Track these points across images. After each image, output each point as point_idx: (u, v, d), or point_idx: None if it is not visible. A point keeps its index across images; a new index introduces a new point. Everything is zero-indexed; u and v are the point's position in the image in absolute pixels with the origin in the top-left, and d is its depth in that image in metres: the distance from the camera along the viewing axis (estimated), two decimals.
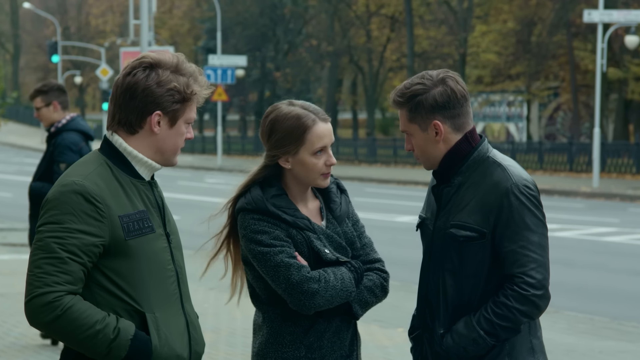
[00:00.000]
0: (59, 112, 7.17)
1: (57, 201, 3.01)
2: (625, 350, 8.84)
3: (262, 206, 3.52)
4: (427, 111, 3.54)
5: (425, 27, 51.19)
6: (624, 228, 18.87)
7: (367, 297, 3.59)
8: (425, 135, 3.57)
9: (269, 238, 3.48)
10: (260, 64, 54.86)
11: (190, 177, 33.89)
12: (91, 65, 67.03)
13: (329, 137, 3.58)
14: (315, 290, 3.44)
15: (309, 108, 3.60)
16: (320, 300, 3.46)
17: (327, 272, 3.50)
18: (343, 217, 3.66)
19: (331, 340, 3.55)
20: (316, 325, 3.53)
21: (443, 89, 3.54)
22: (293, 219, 3.53)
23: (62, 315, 2.93)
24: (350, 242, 3.63)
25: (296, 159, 3.57)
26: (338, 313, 3.56)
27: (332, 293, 3.47)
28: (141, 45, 18.68)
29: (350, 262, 3.57)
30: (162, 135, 3.17)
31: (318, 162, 3.56)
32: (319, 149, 3.56)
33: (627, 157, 33.81)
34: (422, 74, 3.62)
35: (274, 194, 3.56)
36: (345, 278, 3.52)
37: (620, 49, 39.52)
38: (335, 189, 3.71)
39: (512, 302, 3.46)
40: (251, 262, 3.54)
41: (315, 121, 3.56)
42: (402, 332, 9.25)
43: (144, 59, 3.17)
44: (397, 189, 30.73)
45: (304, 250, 3.53)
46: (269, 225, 3.50)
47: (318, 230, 3.56)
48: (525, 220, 3.47)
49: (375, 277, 3.63)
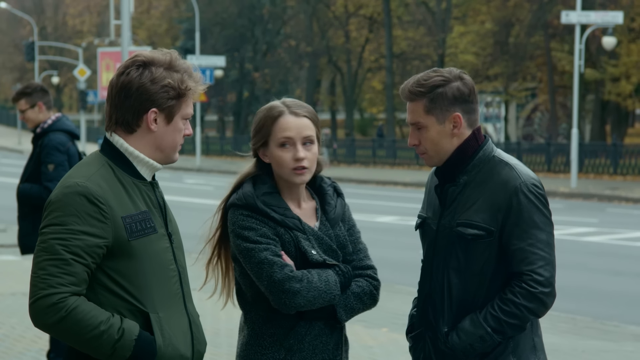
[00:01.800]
0: (44, 112, 7.15)
1: (60, 203, 3.01)
2: (608, 349, 8.91)
3: (251, 202, 3.50)
4: (449, 102, 3.55)
5: (404, 27, 51.29)
6: (602, 228, 18.99)
7: (354, 303, 3.55)
8: (441, 128, 3.57)
9: (256, 235, 3.46)
10: (239, 64, 54.79)
11: (169, 177, 33.82)
12: (68, 65, 66.75)
13: (297, 131, 3.51)
14: (297, 289, 3.41)
15: (287, 102, 3.58)
16: (302, 300, 3.42)
17: (312, 272, 3.47)
18: (337, 219, 3.62)
19: (312, 343, 3.51)
20: (297, 327, 3.50)
21: (462, 82, 3.56)
22: (282, 217, 3.50)
23: (66, 317, 2.93)
24: (341, 246, 3.59)
25: (268, 152, 3.55)
26: (321, 316, 3.52)
27: (315, 294, 3.44)
28: (122, 45, 18.64)
29: (339, 266, 3.53)
30: (160, 133, 3.17)
31: (283, 156, 3.51)
32: (282, 140, 3.51)
33: (605, 157, 34.02)
34: (434, 69, 3.62)
35: (265, 192, 3.54)
36: (331, 280, 3.48)
37: (597, 50, 39.77)
38: (332, 191, 3.67)
39: (520, 299, 3.48)
40: (238, 258, 3.52)
41: (283, 113, 3.53)
42: (387, 332, 9.29)
43: (137, 57, 3.18)
44: (376, 189, 30.78)
45: (291, 250, 3.50)
46: (256, 222, 3.48)
47: (308, 231, 3.53)
48: (533, 218, 3.50)
49: (364, 284, 3.59)
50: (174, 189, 27.25)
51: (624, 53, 39.62)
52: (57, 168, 6.92)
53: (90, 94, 47.44)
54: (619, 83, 39.76)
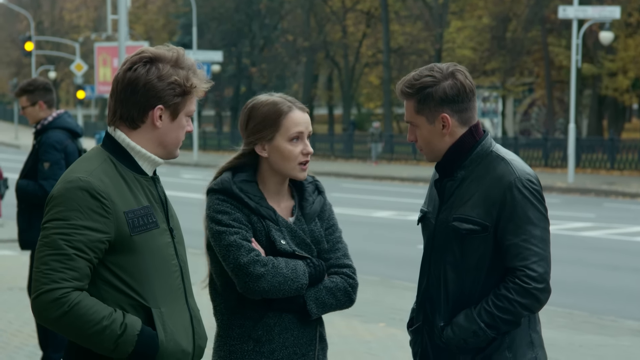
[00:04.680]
0: (45, 110, 7.13)
1: (62, 198, 3.01)
2: (605, 344, 8.93)
3: (227, 187, 3.54)
4: (436, 104, 3.55)
5: (401, 22, 51.27)
6: (599, 223, 19.03)
7: (325, 297, 3.55)
8: (431, 128, 3.59)
9: (229, 219, 3.49)
10: (236, 59, 54.77)
11: (166, 172, 33.81)
12: (65, 60, 66.70)
13: (305, 126, 3.58)
14: (261, 273, 3.42)
15: (287, 98, 3.62)
16: (265, 284, 3.42)
17: (279, 259, 3.48)
18: (312, 215, 3.63)
19: (282, 335, 3.51)
20: (265, 318, 3.51)
21: (453, 82, 3.55)
22: (256, 205, 3.53)
23: (69, 312, 2.93)
24: (316, 241, 3.60)
25: (272, 146, 3.57)
26: (291, 308, 3.52)
27: (280, 280, 3.44)
28: (119, 40, 18.63)
29: (310, 259, 3.55)
30: (164, 129, 3.18)
31: (294, 150, 3.55)
32: (294, 135, 3.55)
33: (602, 152, 34.07)
34: (430, 66, 3.62)
35: (243, 179, 3.58)
36: (299, 270, 3.49)
37: (594, 45, 39.76)
38: (313, 188, 3.70)
39: (514, 295, 3.48)
40: (212, 245, 3.54)
41: (292, 108, 3.58)
42: (384, 326, 9.30)
43: (143, 53, 3.18)
44: (374, 184, 30.79)
45: (262, 239, 3.52)
46: (231, 207, 3.51)
47: (282, 223, 3.55)
48: (528, 214, 3.49)
49: (338, 280, 3.59)
50: (172, 184, 27.26)
51: (621, 48, 39.63)
52: (52, 166, 6.89)
53: (87, 89, 47.39)
54: (616, 78, 39.77)
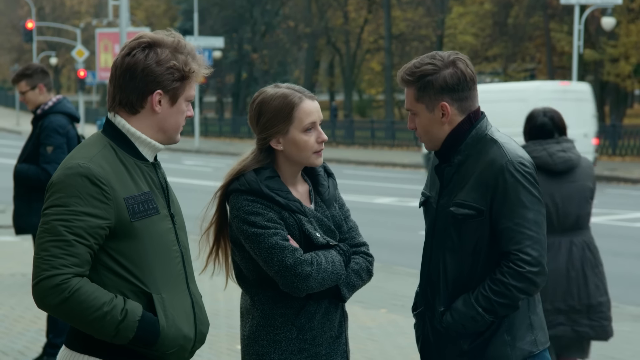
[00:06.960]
0: (44, 94, 7.16)
1: (62, 184, 3.00)
2: None
3: (256, 187, 3.52)
4: (436, 92, 3.55)
5: (403, 8, 51.17)
6: (601, 209, 19.01)
7: (355, 280, 3.63)
8: (431, 116, 3.59)
9: (263, 220, 3.49)
10: (237, 45, 54.68)
11: (168, 159, 33.81)
12: (66, 46, 66.61)
13: (317, 114, 3.60)
14: (308, 272, 3.47)
15: (295, 88, 3.62)
16: (313, 283, 3.48)
17: (319, 255, 3.53)
18: (331, 200, 3.68)
19: (321, 321, 3.59)
20: (307, 307, 3.56)
21: (453, 70, 3.55)
22: (286, 201, 3.54)
23: (69, 298, 2.94)
24: (338, 226, 3.65)
25: (287, 139, 3.58)
26: (327, 295, 3.59)
27: (324, 276, 3.50)
28: (120, 26, 18.61)
29: (339, 246, 3.60)
30: (163, 114, 3.18)
31: (309, 139, 3.58)
32: (308, 125, 3.57)
33: (604, 138, 34.03)
34: (432, 54, 3.62)
35: (267, 176, 3.57)
36: (336, 261, 3.55)
37: (596, 30, 39.72)
38: (323, 172, 3.73)
39: (508, 279, 3.48)
40: (241, 243, 3.54)
41: (302, 98, 3.58)
42: (386, 312, 9.32)
43: (142, 38, 3.17)
44: (375, 170, 30.79)
45: (295, 233, 3.54)
46: (262, 207, 3.51)
47: (309, 213, 3.58)
48: (520, 197, 3.49)
49: (361, 261, 3.66)
50: (173, 170, 27.26)
51: (623, 33, 39.57)
52: (55, 150, 6.93)
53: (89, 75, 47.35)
54: (618, 64, 39.73)
